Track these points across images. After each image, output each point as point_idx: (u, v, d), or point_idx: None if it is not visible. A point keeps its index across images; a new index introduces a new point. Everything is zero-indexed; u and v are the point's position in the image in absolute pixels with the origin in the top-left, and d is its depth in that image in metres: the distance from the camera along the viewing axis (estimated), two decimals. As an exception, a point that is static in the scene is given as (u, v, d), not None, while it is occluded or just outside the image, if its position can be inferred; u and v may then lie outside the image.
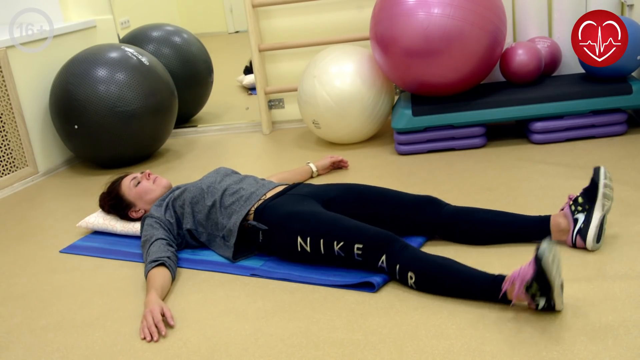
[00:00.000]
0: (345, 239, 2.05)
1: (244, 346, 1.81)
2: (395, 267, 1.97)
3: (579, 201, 2.04)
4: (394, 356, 1.67)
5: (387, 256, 1.99)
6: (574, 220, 2.03)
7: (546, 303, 1.73)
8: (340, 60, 3.36)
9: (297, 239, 2.13)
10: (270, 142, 3.84)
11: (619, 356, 1.56)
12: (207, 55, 4.48)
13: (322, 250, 2.10)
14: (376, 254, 2.01)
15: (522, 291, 1.72)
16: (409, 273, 1.94)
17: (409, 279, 1.95)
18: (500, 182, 2.72)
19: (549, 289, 1.69)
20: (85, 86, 3.42)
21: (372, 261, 2.02)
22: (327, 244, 2.08)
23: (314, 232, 2.11)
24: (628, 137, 3.06)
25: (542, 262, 1.65)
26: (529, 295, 1.72)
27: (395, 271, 1.98)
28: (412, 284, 1.95)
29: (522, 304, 1.80)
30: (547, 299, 1.71)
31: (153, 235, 2.31)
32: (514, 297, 1.74)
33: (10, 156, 3.49)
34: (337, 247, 2.07)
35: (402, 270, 1.96)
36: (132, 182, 2.58)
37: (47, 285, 2.35)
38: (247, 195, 2.32)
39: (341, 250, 2.06)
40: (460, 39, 2.96)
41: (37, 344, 1.96)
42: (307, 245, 2.12)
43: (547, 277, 1.67)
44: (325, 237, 2.08)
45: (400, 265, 1.96)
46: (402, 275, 1.96)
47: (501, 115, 3.12)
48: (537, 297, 1.72)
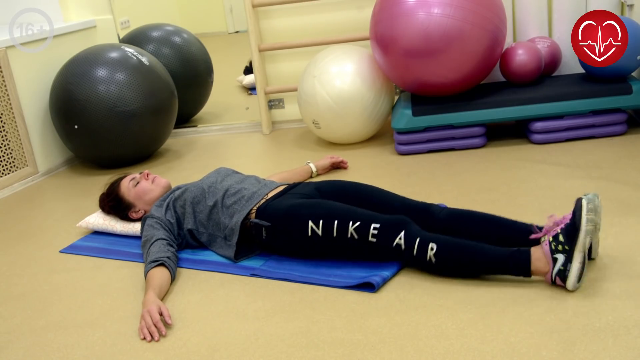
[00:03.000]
0: (362, 219, 2.05)
1: (244, 346, 1.81)
2: (415, 241, 1.97)
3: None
4: (394, 356, 1.67)
5: (406, 232, 1.99)
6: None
7: (562, 265, 1.81)
8: (340, 60, 3.36)
9: (307, 223, 2.12)
10: (270, 142, 3.84)
11: (619, 356, 1.56)
12: (207, 55, 4.48)
13: (334, 232, 2.09)
14: (393, 232, 2.00)
15: (547, 244, 1.81)
16: (430, 244, 1.95)
17: (430, 249, 1.94)
18: (500, 182, 2.72)
19: (575, 233, 1.77)
20: (85, 86, 3.42)
21: (387, 240, 2.01)
22: (342, 226, 2.07)
23: (327, 214, 2.10)
24: (628, 137, 3.06)
25: (580, 205, 1.77)
26: (550, 248, 1.79)
27: (414, 246, 1.97)
28: (432, 255, 1.95)
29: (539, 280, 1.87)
30: (566, 258, 1.78)
31: (153, 236, 2.31)
32: (545, 243, 1.83)
33: (10, 156, 3.49)
34: (352, 228, 2.05)
35: (422, 243, 1.96)
36: (131, 182, 2.58)
37: (47, 285, 2.35)
38: (248, 195, 2.32)
39: (356, 231, 2.05)
40: (460, 39, 2.96)
41: (37, 344, 1.96)
42: (319, 229, 2.11)
43: (577, 222, 1.75)
44: (340, 219, 2.08)
45: (421, 239, 1.97)
46: (422, 248, 1.96)
47: (501, 115, 3.12)
48: (557, 250, 1.78)
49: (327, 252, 2.18)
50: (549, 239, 1.87)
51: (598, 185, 2.55)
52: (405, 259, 2.04)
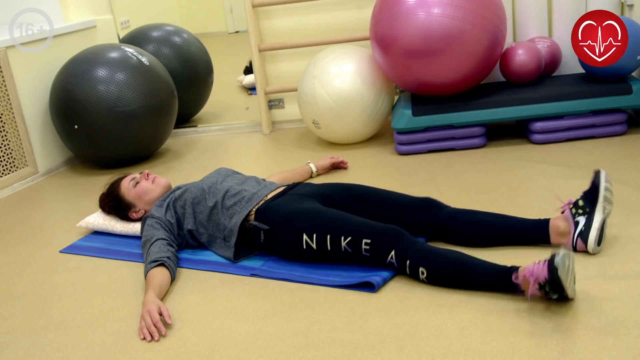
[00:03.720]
0: (353, 234, 2.05)
1: (244, 346, 1.81)
2: (406, 263, 1.98)
3: (580, 204, 2.02)
4: (394, 356, 1.67)
5: (396, 252, 1.99)
6: (575, 224, 2.02)
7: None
8: (340, 60, 3.36)
9: (302, 236, 2.13)
10: (270, 142, 3.84)
11: (619, 356, 1.56)
12: (207, 55, 4.48)
13: (328, 246, 2.09)
14: (385, 250, 2.01)
15: (535, 287, 1.76)
16: (420, 268, 1.95)
17: (421, 274, 1.96)
18: (500, 182, 2.72)
19: (562, 291, 1.73)
20: (85, 86, 3.42)
21: (380, 257, 2.03)
22: (334, 240, 2.08)
23: (321, 228, 2.10)
24: (628, 137, 3.06)
25: (558, 272, 1.69)
26: (542, 291, 1.76)
27: (406, 266, 1.98)
28: (424, 278, 1.96)
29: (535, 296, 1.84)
30: (559, 296, 1.76)
31: (154, 236, 2.31)
32: (528, 295, 1.78)
33: (10, 156, 3.49)
34: (345, 243, 2.06)
35: (412, 266, 1.97)
36: (131, 182, 2.58)
37: (47, 285, 2.35)
38: (248, 196, 2.32)
39: (348, 245, 2.06)
40: (460, 39, 2.96)
41: (37, 344, 1.96)
42: (313, 242, 2.12)
43: (561, 284, 1.70)
44: (333, 233, 2.08)
45: (411, 261, 1.97)
46: (413, 270, 1.97)
47: (501, 115, 3.12)
48: (550, 294, 1.75)
49: (324, 261, 2.18)
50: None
51: (598, 185, 2.55)
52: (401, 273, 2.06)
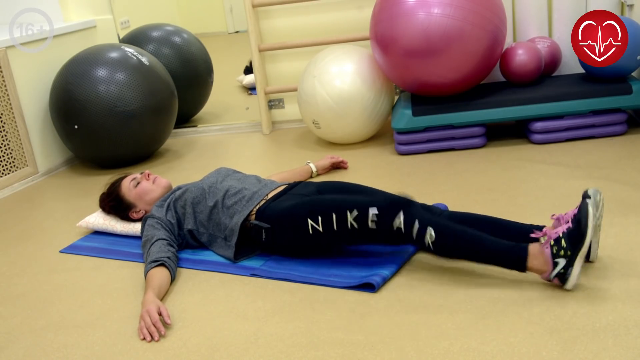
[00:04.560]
0: (360, 207, 2.03)
1: (244, 346, 1.81)
2: (414, 225, 1.95)
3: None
4: (394, 356, 1.67)
5: (405, 214, 1.97)
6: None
7: (563, 269, 1.81)
8: (340, 60, 3.36)
9: (307, 222, 2.12)
10: (270, 142, 3.84)
11: (619, 356, 1.56)
12: (207, 55, 4.48)
13: (335, 226, 2.07)
14: (392, 215, 1.98)
15: (547, 246, 1.81)
16: (429, 229, 1.93)
17: (429, 237, 1.93)
18: (500, 182, 2.72)
19: (580, 240, 1.77)
20: (85, 86, 3.42)
21: (387, 225, 1.99)
22: (340, 217, 2.06)
23: (325, 210, 2.09)
24: (628, 137, 3.07)
25: (584, 208, 1.78)
26: (552, 252, 1.80)
27: (413, 230, 1.96)
28: (431, 243, 1.94)
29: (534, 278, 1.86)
30: (567, 262, 1.79)
31: (154, 236, 2.31)
32: (539, 252, 1.83)
33: (10, 156, 3.49)
34: (352, 218, 2.04)
35: (421, 227, 1.94)
36: (132, 182, 2.58)
37: (47, 285, 2.35)
38: (249, 195, 2.32)
39: (355, 220, 2.04)
40: (460, 39, 2.96)
41: (37, 344, 1.96)
42: (319, 225, 2.10)
43: (581, 228, 1.76)
44: (338, 211, 2.07)
45: (420, 222, 1.95)
46: (421, 232, 1.94)
47: (501, 115, 3.12)
48: (559, 254, 1.79)
49: (329, 246, 2.18)
50: (551, 242, 1.85)
51: (598, 185, 2.55)
52: (405, 241, 2.02)
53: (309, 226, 2.12)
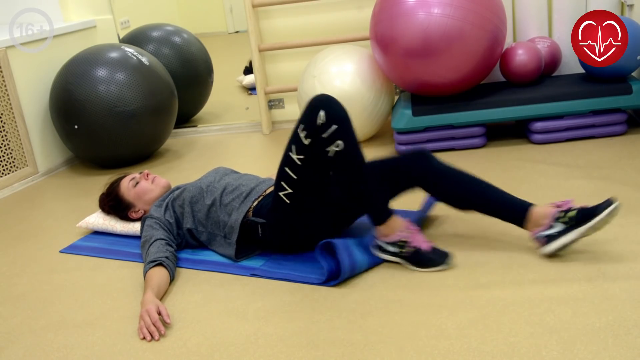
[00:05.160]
0: (289, 143, 2.12)
1: (244, 346, 1.81)
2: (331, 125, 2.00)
3: (569, 215, 1.96)
4: (394, 356, 1.67)
5: (326, 113, 2.00)
6: (549, 226, 1.98)
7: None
8: (340, 60, 3.36)
9: (280, 198, 2.14)
10: (270, 142, 3.84)
11: (619, 356, 1.56)
12: (207, 55, 4.49)
13: (293, 175, 2.09)
14: (313, 114, 2.02)
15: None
16: (337, 141, 2.00)
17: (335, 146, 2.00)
18: (500, 182, 2.72)
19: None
20: (85, 86, 3.42)
21: (314, 129, 2.03)
22: (289, 163, 2.09)
23: (280, 173, 2.13)
24: (628, 137, 3.07)
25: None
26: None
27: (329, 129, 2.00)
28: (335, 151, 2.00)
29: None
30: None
31: (153, 236, 2.31)
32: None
33: (10, 156, 3.49)
34: (293, 154, 2.09)
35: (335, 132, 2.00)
36: (131, 182, 2.58)
37: (47, 285, 2.35)
38: (246, 192, 2.32)
39: (294, 147, 2.09)
40: (460, 39, 2.96)
41: (37, 344, 1.96)
42: (286, 187, 2.12)
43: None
44: (284, 162, 2.11)
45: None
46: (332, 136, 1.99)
47: (501, 115, 3.12)
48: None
49: (311, 209, 2.17)
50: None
51: (598, 185, 2.55)
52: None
53: (282, 197, 2.13)
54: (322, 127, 1.99)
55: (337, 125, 1.98)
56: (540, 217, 2.00)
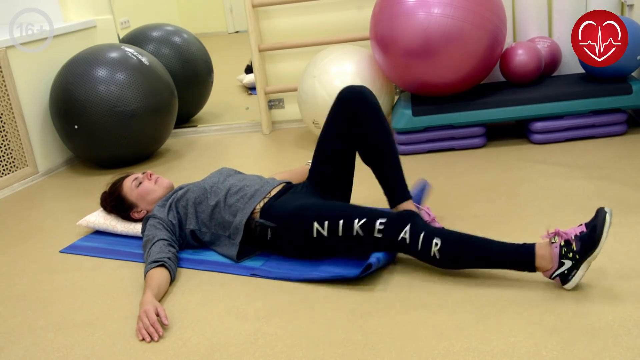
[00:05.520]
0: (367, 216, 2.06)
1: (244, 346, 1.81)
2: (419, 236, 1.98)
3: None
4: (394, 356, 1.67)
5: (412, 226, 2.00)
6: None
7: (567, 270, 1.83)
8: (340, 60, 3.36)
9: (313, 225, 2.12)
10: (270, 142, 3.84)
11: (619, 356, 1.56)
12: (207, 55, 4.48)
13: (340, 232, 2.09)
14: (399, 227, 2.01)
15: (557, 246, 1.84)
16: (435, 239, 1.96)
17: (434, 245, 1.95)
18: (500, 182, 2.72)
19: (591, 247, 1.80)
20: (85, 86, 3.42)
21: (392, 235, 2.02)
22: (347, 224, 2.08)
23: (332, 215, 2.11)
24: (628, 137, 3.07)
25: (601, 220, 1.78)
26: (560, 252, 1.82)
27: (419, 240, 1.98)
28: (436, 251, 1.95)
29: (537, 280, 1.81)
30: (573, 265, 1.82)
31: (155, 236, 2.31)
32: (546, 251, 1.86)
33: (10, 156, 3.49)
34: (358, 226, 2.06)
35: (426, 237, 1.97)
36: (134, 182, 2.57)
37: (47, 285, 2.35)
38: (251, 193, 2.32)
39: (361, 228, 2.06)
40: (460, 39, 2.96)
41: (37, 344, 1.96)
42: (324, 230, 2.11)
43: (595, 237, 1.79)
44: (346, 219, 2.08)
45: (426, 233, 1.98)
46: (426, 242, 1.97)
47: (501, 115, 3.12)
48: (567, 256, 1.82)
49: (331, 250, 2.18)
50: (561, 243, 1.85)
51: (598, 185, 2.55)
52: (409, 253, 2.04)
53: (314, 230, 2.13)
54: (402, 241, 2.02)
55: (425, 231, 2.00)
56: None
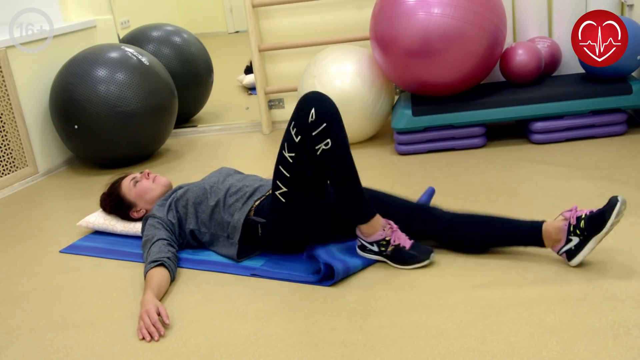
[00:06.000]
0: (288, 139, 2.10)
1: (244, 346, 1.81)
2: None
3: (581, 225, 1.92)
4: (394, 356, 1.67)
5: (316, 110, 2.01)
6: (567, 240, 1.94)
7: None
8: (340, 60, 3.36)
9: (277, 197, 2.14)
10: (270, 142, 3.84)
11: (619, 356, 1.56)
12: (207, 55, 4.49)
13: (286, 174, 2.09)
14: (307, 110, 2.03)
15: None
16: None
17: None
18: (500, 182, 2.72)
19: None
20: (85, 86, 3.42)
21: (306, 134, 2.03)
22: (283, 161, 2.09)
23: (275, 173, 2.13)
24: (628, 137, 3.07)
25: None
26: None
27: None
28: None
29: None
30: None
31: (155, 236, 2.31)
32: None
33: (10, 156, 3.49)
34: (287, 153, 2.08)
35: None
36: (132, 182, 2.58)
37: (47, 285, 2.35)
38: (250, 193, 2.32)
39: (289, 149, 2.08)
40: (460, 39, 2.96)
41: (37, 344, 1.96)
42: (281, 186, 2.12)
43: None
44: (278, 160, 2.11)
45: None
46: None
47: (501, 115, 3.12)
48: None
49: (310, 212, 2.17)
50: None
51: (598, 185, 2.55)
52: None
53: (280, 197, 2.13)
54: (312, 125, 2.00)
55: (327, 123, 1.99)
56: (554, 233, 1.96)
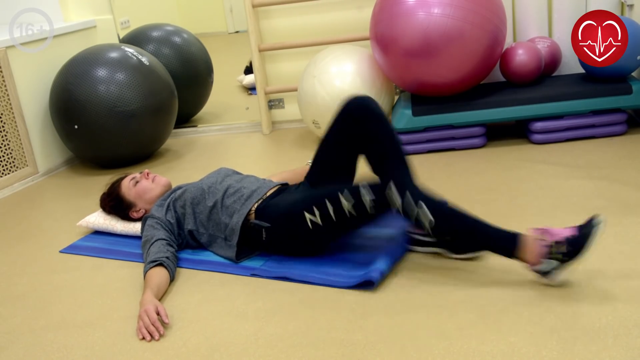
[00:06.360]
0: (353, 191, 2.04)
1: (244, 346, 1.81)
2: (405, 193, 1.96)
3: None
4: (394, 356, 1.67)
5: (396, 185, 1.97)
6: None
7: (552, 269, 1.84)
8: (340, 60, 3.36)
9: (304, 217, 2.11)
10: (270, 142, 3.84)
11: (619, 356, 1.56)
12: (207, 55, 4.49)
13: (333, 216, 2.07)
14: (383, 187, 2.00)
15: (546, 244, 1.83)
16: (420, 201, 1.94)
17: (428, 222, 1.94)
18: (500, 182, 2.72)
19: (579, 251, 1.80)
20: (85, 86, 3.42)
21: (384, 205, 2.00)
22: (336, 207, 2.05)
23: (318, 201, 2.09)
24: (628, 137, 3.07)
25: (593, 228, 1.78)
26: (549, 251, 1.82)
27: (406, 197, 1.95)
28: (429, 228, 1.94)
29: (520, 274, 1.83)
30: (557, 266, 1.83)
31: (154, 236, 2.31)
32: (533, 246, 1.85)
33: (10, 156, 3.49)
34: (348, 208, 2.04)
35: (414, 196, 1.95)
36: (132, 182, 2.58)
37: (47, 285, 2.35)
38: (248, 194, 2.32)
39: (353, 208, 2.03)
40: (460, 39, 2.96)
41: (37, 344, 1.96)
42: (317, 217, 2.09)
43: (585, 243, 1.78)
44: (329, 196, 2.07)
45: (411, 193, 1.96)
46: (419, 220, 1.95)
47: (501, 115, 3.12)
48: (555, 257, 1.82)
49: (329, 238, 2.17)
50: (552, 243, 1.84)
51: (598, 185, 2.55)
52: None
53: (307, 220, 2.12)
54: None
55: (409, 190, 1.97)
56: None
